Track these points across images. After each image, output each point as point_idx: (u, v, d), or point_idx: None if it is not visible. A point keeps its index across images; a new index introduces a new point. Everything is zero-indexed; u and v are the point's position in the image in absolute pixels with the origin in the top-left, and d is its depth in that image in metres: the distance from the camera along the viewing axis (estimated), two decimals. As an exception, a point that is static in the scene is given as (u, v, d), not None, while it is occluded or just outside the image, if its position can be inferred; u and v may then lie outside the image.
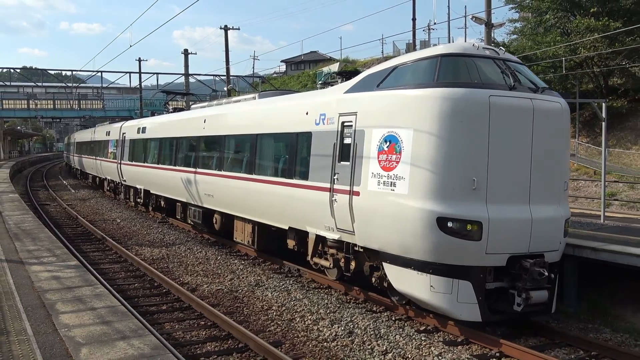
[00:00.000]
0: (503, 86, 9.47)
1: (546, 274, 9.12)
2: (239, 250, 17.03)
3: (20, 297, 9.34)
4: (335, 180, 10.87)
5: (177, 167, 19.69)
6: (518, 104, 9.32)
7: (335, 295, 12.19)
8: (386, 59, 55.27)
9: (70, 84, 66.11)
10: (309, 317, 10.68)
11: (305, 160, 12.33)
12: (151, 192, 22.96)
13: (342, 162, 10.84)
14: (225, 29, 44.67)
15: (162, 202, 22.05)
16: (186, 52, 50.39)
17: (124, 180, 26.85)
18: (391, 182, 9.60)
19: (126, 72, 57.21)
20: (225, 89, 43.78)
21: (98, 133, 35.47)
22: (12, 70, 61.40)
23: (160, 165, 21.22)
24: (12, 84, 74.53)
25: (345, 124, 10.89)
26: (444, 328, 9.95)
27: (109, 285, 12.19)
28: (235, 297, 12.32)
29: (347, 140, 10.78)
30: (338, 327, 10.04)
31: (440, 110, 9.09)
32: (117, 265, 15.67)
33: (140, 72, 55.50)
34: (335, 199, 10.87)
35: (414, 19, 54.36)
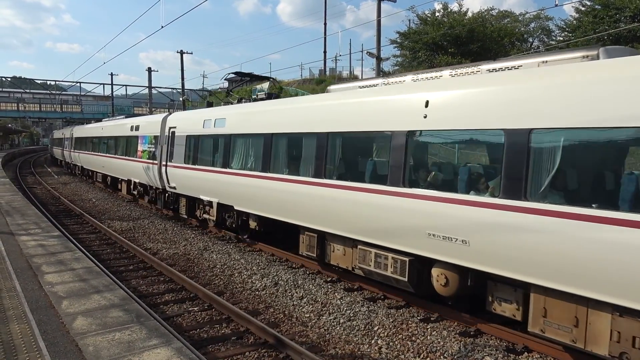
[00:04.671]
0: None
1: None
2: (191, 223, 16.56)
3: (11, 262, 8.73)
4: None
5: (323, 181, 9.11)
6: None
7: (265, 256, 12.14)
8: (304, 81, 55.40)
9: (53, 92, 62.22)
10: (245, 273, 10.59)
11: None
12: (235, 208, 12.46)
13: None
14: (181, 52, 43.97)
15: (255, 224, 11.89)
16: (150, 70, 49.17)
17: (172, 187, 16.07)
18: None
19: (100, 83, 55.32)
20: (180, 99, 42.66)
21: (114, 127, 24.01)
22: (3, 79, 57.20)
23: (269, 175, 10.72)
24: (4, 90, 69.42)
25: None
26: (345, 280, 10.03)
27: (86, 250, 11.59)
28: (188, 258, 12.02)
29: None
30: (267, 280, 10.02)
31: None
32: (92, 235, 14.89)
33: (112, 84, 53.25)
34: None
35: (324, 52, 55.40)
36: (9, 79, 61.34)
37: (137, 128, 20.18)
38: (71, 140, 35.86)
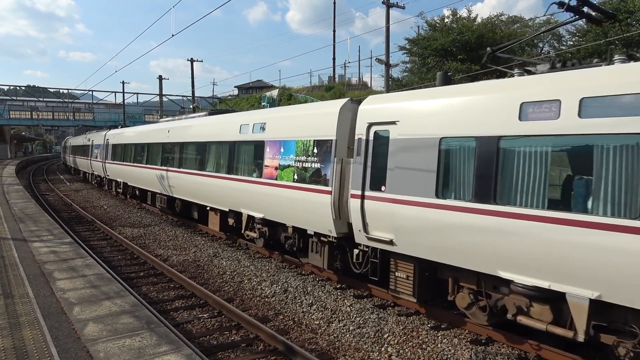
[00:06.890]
0: None
1: None
2: (201, 230, 16.61)
3: (24, 268, 8.81)
4: None
5: None
6: None
7: (274, 263, 12.14)
8: (314, 88, 55.59)
9: (66, 100, 63.13)
10: (254, 280, 10.59)
11: None
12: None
13: None
14: (192, 60, 44.34)
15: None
16: (160, 78, 49.76)
17: (379, 240, 8.27)
18: None
19: (112, 92, 56.47)
20: (191, 106, 43.03)
21: (197, 129, 15.84)
22: (18, 88, 58.35)
23: None
24: (18, 98, 70.55)
25: None
26: (354, 286, 10.05)
27: (97, 257, 11.70)
28: (198, 265, 12.06)
29: None
30: (276, 287, 10.01)
31: None
32: (103, 242, 15.00)
33: (123, 92, 53.74)
34: None
35: (334, 59, 55.73)
36: (23, 88, 62.44)
37: (259, 129, 12.05)
38: (105, 149, 27.57)
